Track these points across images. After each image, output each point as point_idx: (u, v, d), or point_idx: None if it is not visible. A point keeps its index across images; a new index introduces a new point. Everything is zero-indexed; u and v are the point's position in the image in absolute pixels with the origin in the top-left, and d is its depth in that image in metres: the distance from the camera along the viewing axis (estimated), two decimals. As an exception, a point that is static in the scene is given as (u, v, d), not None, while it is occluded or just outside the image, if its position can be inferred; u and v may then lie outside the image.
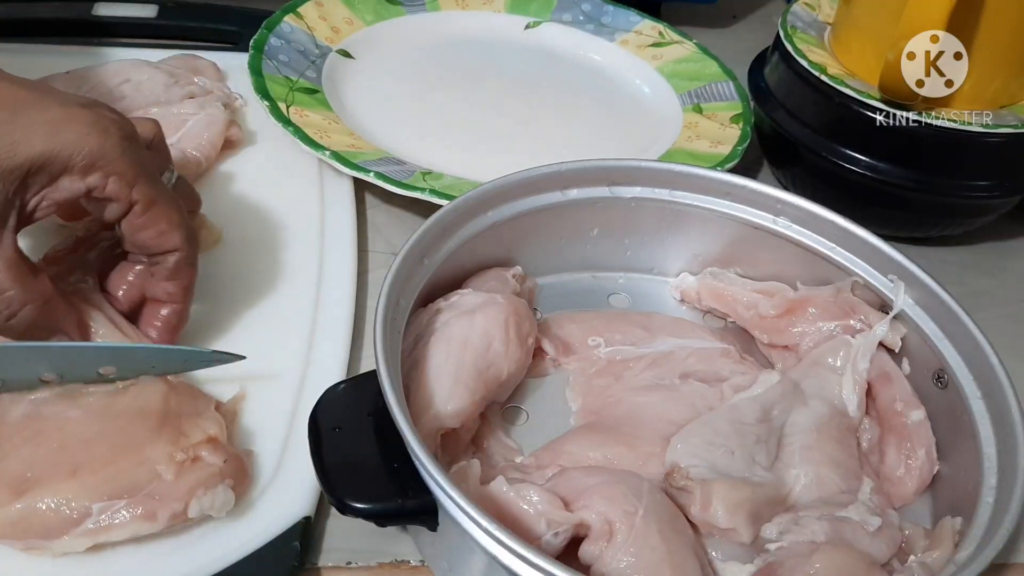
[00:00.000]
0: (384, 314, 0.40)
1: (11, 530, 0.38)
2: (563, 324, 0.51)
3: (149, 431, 0.40)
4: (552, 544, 0.37)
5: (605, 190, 0.53)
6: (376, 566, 0.41)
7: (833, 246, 0.51)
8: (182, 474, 0.39)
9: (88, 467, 0.39)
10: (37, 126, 0.40)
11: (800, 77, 0.61)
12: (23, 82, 0.43)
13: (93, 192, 0.41)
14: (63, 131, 0.40)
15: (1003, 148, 0.57)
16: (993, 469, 0.41)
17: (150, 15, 0.74)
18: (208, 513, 0.39)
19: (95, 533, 0.38)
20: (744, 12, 0.95)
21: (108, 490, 0.38)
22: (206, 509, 0.39)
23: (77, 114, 0.41)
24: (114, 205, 0.42)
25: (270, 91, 0.63)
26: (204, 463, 0.40)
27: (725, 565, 0.40)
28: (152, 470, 0.39)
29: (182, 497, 0.39)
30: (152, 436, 0.40)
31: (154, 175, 0.44)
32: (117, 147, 0.41)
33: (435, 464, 0.35)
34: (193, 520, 0.39)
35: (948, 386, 0.46)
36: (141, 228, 0.43)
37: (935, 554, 0.40)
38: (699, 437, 0.43)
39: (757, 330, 0.52)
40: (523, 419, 0.47)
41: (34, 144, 0.39)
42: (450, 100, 0.72)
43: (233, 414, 0.45)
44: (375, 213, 0.62)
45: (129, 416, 0.41)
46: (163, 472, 0.39)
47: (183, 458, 0.40)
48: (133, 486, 0.39)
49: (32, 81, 0.43)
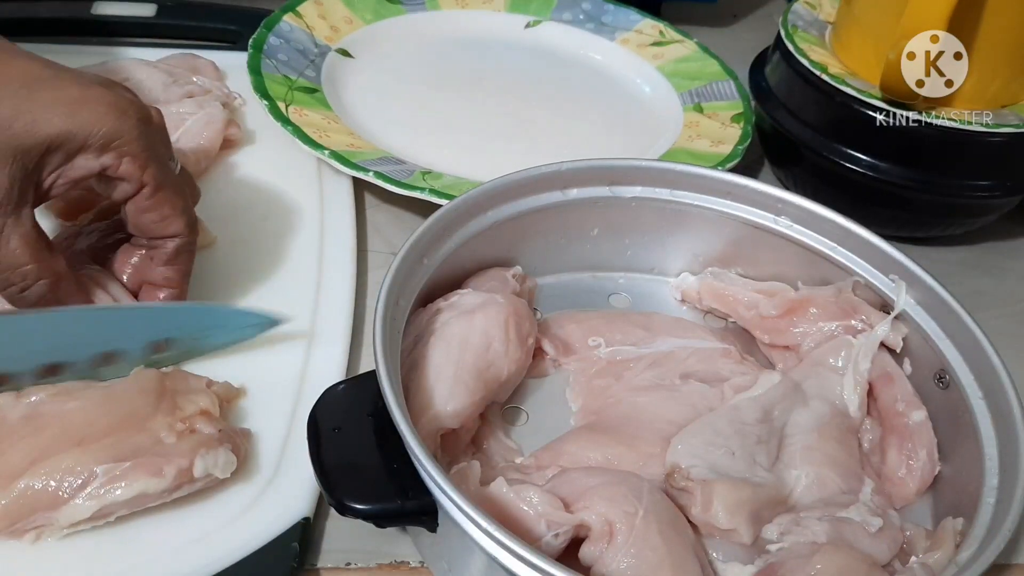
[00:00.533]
0: (384, 314, 0.40)
1: (15, 508, 0.38)
2: (563, 324, 0.51)
3: (149, 406, 0.41)
4: (552, 545, 0.37)
5: (606, 190, 0.53)
6: (375, 567, 0.41)
7: (834, 246, 0.51)
8: (183, 439, 0.40)
9: (90, 438, 0.40)
10: (57, 105, 0.40)
11: (801, 76, 0.61)
12: (40, 60, 0.43)
13: (107, 171, 0.42)
14: (82, 110, 0.41)
15: (1004, 148, 0.57)
16: (995, 470, 0.41)
17: (149, 14, 0.74)
18: (212, 472, 0.40)
19: (101, 495, 0.38)
20: (745, 11, 0.95)
21: (112, 454, 0.39)
22: (210, 468, 0.40)
23: (96, 94, 0.42)
24: (124, 185, 0.43)
25: (269, 90, 0.63)
26: (200, 432, 0.41)
27: (726, 566, 0.40)
28: (154, 436, 0.40)
29: (186, 455, 0.40)
30: (151, 411, 0.41)
31: (164, 160, 0.45)
32: (134, 129, 0.42)
33: (435, 465, 0.34)
34: (199, 482, 0.40)
35: (950, 386, 0.45)
36: (146, 211, 0.44)
37: (936, 555, 0.40)
38: (700, 437, 0.43)
39: (758, 330, 0.52)
40: (523, 419, 0.47)
41: (54, 123, 0.40)
42: (450, 100, 0.72)
43: (231, 394, 0.45)
44: (374, 213, 0.62)
45: (128, 397, 0.42)
46: (165, 437, 0.40)
47: (181, 428, 0.41)
48: (137, 449, 0.40)
49: (47, 60, 0.44)
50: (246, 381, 0.46)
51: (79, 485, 0.38)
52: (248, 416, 0.45)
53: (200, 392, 0.43)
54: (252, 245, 0.56)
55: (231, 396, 0.45)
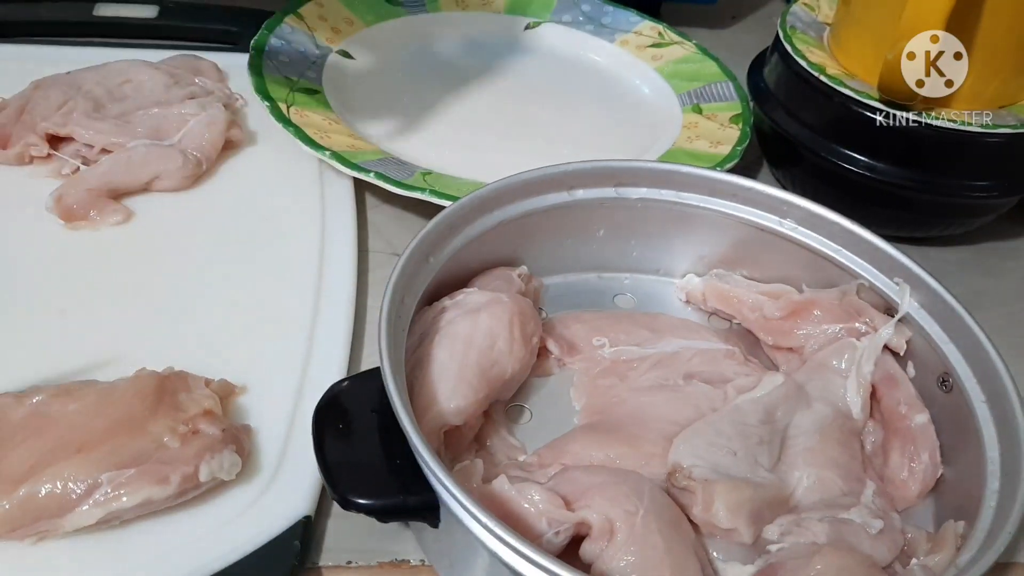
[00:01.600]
0: (388, 311, 0.40)
1: (19, 515, 0.38)
2: (568, 324, 0.51)
3: (147, 409, 0.41)
4: (553, 543, 0.37)
5: (611, 191, 0.53)
6: (376, 565, 0.41)
7: (839, 248, 0.51)
8: (187, 443, 0.40)
9: (92, 444, 0.40)
10: None
11: (799, 77, 0.61)
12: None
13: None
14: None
15: (1003, 148, 0.57)
16: (996, 473, 0.41)
17: (151, 15, 0.74)
18: (218, 475, 0.40)
19: (107, 502, 0.38)
20: (744, 12, 0.95)
21: (115, 461, 0.39)
22: (215, 471, 0.40)
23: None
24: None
25: (270, 91, 0.63)
26: (204, 434, 0.41)
27: (726, 566, 0.40)
28: (157, 440, 0.40)
29: (191, 460, 0.40)
30: (151, 414, 0.41)
31: None
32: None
33: (437, 461, 0.34)
34: (204, 486, 0.40)
35: (953, 389, 0.45)
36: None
37: (937, 558, 0.40)
38: (702, 438, 0.43)
39: (762, 332, 0.52)
40: (527, 418, 0.47)
41: None
42: (450, 100, 0.72)
43: (228, 391, 0.45)
44: (375, 213, 0.62)
45: (127, 400, 0.42)
46: (168, 442, 0.40)
47: (184, 430, 0.41)
48: (140, 455, 0.40)
49: None
50: (247, 380, 0.47)
51: (84, 492, 0.38)
52: (249, 415, 0.45)
53: (200, 391, 0.43)
54: (253, 246, 0.56)
55: (229, 393, 0.45)
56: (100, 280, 0.52)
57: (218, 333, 0.50)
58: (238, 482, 0.42)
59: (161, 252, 0.55)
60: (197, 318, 0.50)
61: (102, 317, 0.50)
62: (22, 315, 0.50)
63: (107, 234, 0.55)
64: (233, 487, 0.42)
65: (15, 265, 0.53)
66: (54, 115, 0.60)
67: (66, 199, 0.56)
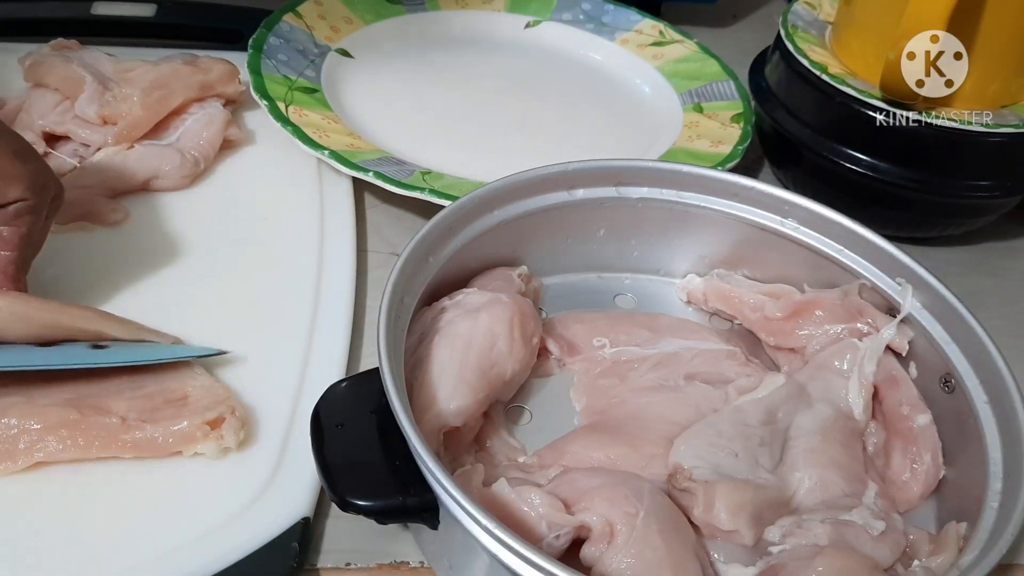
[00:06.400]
0: (388, 311, 0.40)
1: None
2: (568, 324, 0.51)
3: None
4: (554, 546, 0.37)
5: (612, 190, 0.53)
6: (375, 567, 0.41)
7: (841, 248, 0.51)
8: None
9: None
10: None
11: (801, 76, 0.61)
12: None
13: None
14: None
15: (1004, 148, 0.57)
16: (999, 474, 0.41)
17: (148, 14, 0.74)
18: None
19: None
20: (745, 11, 0.95)
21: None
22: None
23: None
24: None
25: (269, 90, 0.63)
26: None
27: (727, 567, 0.40)
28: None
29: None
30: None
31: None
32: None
33: (436, 462, 0.34)
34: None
35: (955, 390, 0.45)
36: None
37: (939, 559, 0.39)
38: (703, 438, 0.43)
39: (763, 332, 0.52)
40: (527, 418, 0.47)
41: None
42: (450, 100, 0.71)
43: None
44: (374, 213, 0.62)
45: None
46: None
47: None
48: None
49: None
50: (245, 380, 0.46)
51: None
52: (248, 415, 0.45)
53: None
54: (252, 245, 0.56)
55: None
56: (97, 280, 0.52)
57: (217, 333, 0.49)
58: (237, 482, 0.42)
59: (159, 252, 0.55)
60: (196, 318, 0.50)
61: (100, 317, 0.50)
62: (20, 315, 0.49)
63: (104, 234, 0.55)
64: (232, 487, 0.42)
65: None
66: (51, 114, 0.60)
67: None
